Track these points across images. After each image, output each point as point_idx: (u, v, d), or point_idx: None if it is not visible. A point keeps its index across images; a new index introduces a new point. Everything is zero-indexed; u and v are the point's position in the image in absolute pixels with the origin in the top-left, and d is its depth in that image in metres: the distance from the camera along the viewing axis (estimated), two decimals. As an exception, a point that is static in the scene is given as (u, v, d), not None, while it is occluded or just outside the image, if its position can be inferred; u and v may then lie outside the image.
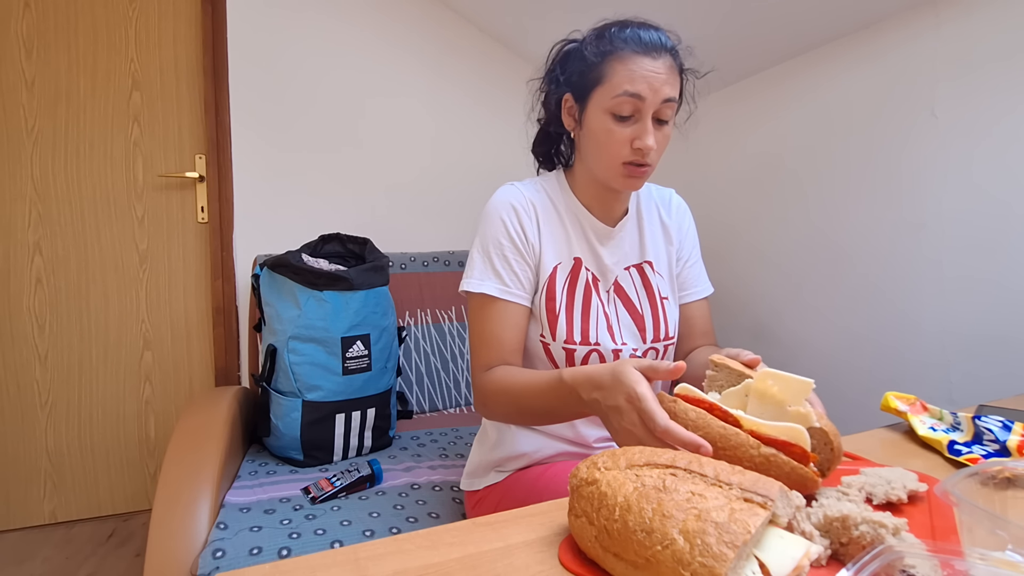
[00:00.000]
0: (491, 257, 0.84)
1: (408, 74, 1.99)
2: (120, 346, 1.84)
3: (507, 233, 0.84)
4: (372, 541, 0.49)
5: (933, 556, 0.37)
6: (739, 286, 1.80)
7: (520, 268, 0.84)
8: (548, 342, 0.84)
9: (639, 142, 0.77)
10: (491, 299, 0.82)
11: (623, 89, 0.76)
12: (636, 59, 0.76)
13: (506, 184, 0.89)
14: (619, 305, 0.88)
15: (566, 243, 0.87)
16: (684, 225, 0.96)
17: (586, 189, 0.89)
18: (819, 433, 0.54)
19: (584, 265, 0.87)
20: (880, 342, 1.39)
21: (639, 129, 0.77)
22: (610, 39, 0.78)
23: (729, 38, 1.59)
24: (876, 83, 1.36)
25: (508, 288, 0.83)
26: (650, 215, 0.94)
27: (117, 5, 1.80)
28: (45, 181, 1.77)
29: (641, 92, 0.75)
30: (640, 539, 0.40)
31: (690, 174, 1.95)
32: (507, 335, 0.82)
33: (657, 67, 0.76)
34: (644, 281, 0.90)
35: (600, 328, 0.85)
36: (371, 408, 1.36)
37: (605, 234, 0.89)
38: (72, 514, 1.82)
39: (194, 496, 0.99)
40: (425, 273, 1.74)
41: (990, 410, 0.75)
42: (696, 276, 0.96)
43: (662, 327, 0.88)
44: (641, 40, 0.77)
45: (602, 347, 0.84)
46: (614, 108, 0.77)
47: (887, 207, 1.35)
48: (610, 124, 0.78)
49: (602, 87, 0.78)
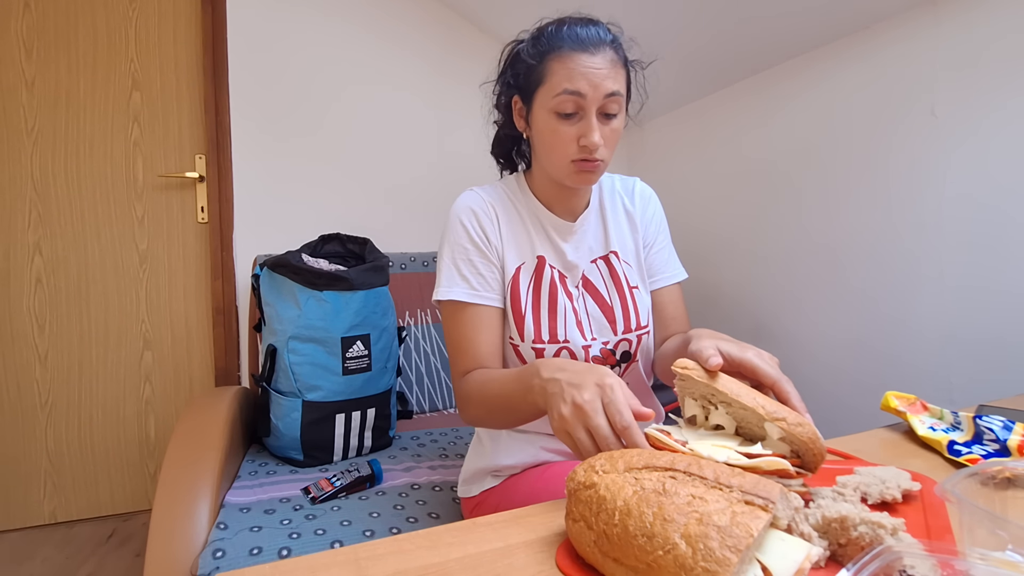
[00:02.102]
0: (457, 263, 0.83)
1: (408, 74, 1.99)
2: (120, 346, 1.84)
3: (469, 237, 0.84)
4: (372, 541, 0.49)
5: (931, 556, 0.37)
6: (737, 288, 1.80)
7: (487, 270, 0.84)
8: (517, 343, 0.84)
9: (584, 139, 0.77)
10: (461, 305, 0.82)
11: (563, 88, 0.75)
12: (574, 56, 0.75)
13: (466, 191, 0.89)
14: (588, 299, 0.87)
15: (528, 243, 0.87)
16: (649, 211, 0.94)
17: (544, 188, 0.88)
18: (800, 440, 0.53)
19: (548, 263, 0.87)
20: (879, 343, 1.39)
21: (584, 126, 0.77)
22: (547, 38, 0.79)
23: (728, 38, 1.59)
24: (876, 83, 1.36)
25: (477, 291, 0.82)
26: (613, 205, 0.93)
27: (117, 5, 1.80)
28: (45, 181, 1.77)
29: (581, 89, 0.75)
30: (641, 544, 0.40)
31: (689, 175, 1.95)
32: (481, 338, 0.81)
33: (596, 62, 0.75)
34: (612, 272, 0.89)
35: (569, 325, 0.84)
36: (371, 408, 1.36)
37: (566, 230, 0.88)
38: (72, 514, 1.82)
39: (194, 496, 0.99)
40: (425, 273, 1.74)
41: (990, 410, 0.75)
42: (664, 262, 0.94)
43: (632, 317, 0.87)
44: (578, 37, 0.76)
45: (572, 344, 0.84)
46: (557, 107, 0.77)
47: (886, 207, 1.35)
48: (555, 123, 0.78)
49: (543, 87, 0.78)
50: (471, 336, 0.81)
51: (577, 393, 0.58)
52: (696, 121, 1.92)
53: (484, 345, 0.81)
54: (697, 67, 1.75)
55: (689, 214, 1.95)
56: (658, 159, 2.12)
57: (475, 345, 0.81)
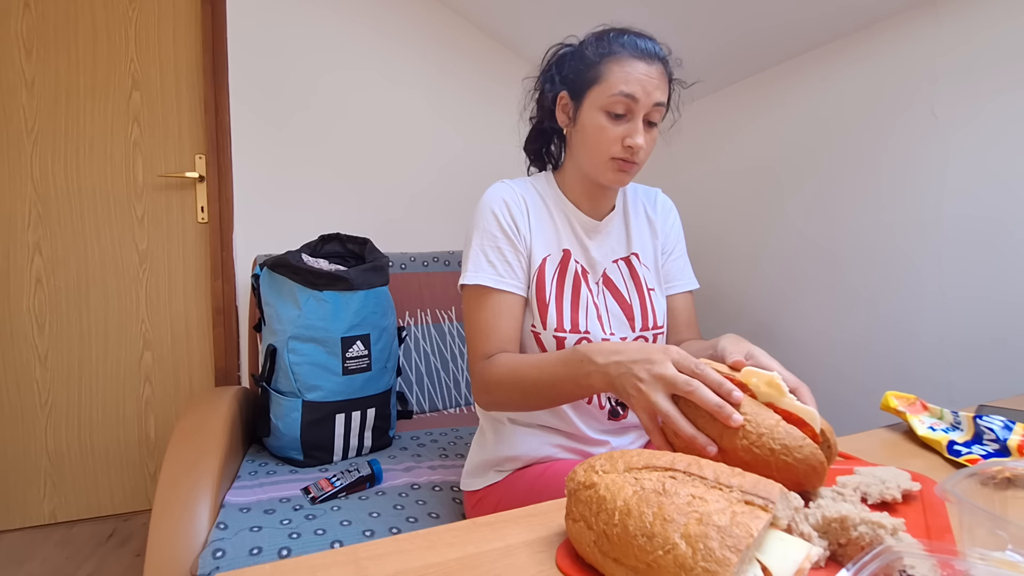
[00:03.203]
0: (485, 250, 0.86)
1: (408, 74, 1.99)
2: (120, 346, 1.84)
3: (499, 225, 0.86)
4: (372, 541, 0.49)
5: (931, 556, 0.37)
6: (737, 288, 1.80)
7: (513, 258, 0.86)
8: (539, 331, 0.86)
9: (630, 140, 0.81)
10: (486, 290, 0.84)
11: (619, 89, 0.80)
12: (632, 62, 0.81)
13: (496, 182, 0.92)
14: (608, 296, 0.91)
15: (555, 236, 0.90)
16: (669, 220, 1.00)
17: (574, 186, 0.92)
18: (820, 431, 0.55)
19: (573, 257, 0.90)
20: (879, 343, 1.39)
21: (630, 128, 0.82)
22: (609, 42, 0.84)
23: (728, 39, 1.59)
24: (876, 83, 1.36)
25: (502, 278, 0.85)
26: (636, 211, 0.98)
27: (117, 5, 1.80)
28: (45, 181, 1.77)
29: (635, 93, 0.80)
30: (641, 544, 0.40)
31: (690, 175, 1.95)
32: (503, 323, 0.84)
33: (651, 72, 0.81)
34: (632, 272, 0.93)
35: (590, 317, 0.87)
36: (371, 408, 1.36)
37: (592, 228, 0.92)
38: (72, 514, 1.82)
39: (194, 496, 0.99)
40: (425, 273, 1.74)
41: (990, 410, 0.75)
42: (680, 270, 0.99)
43: (650, 316, 0.91)
44: (638, 46, 0.82)
45: (591, 335, 0.86)
46: (608, 106, 0.81)
47: (886, 207, 1.35)
48: (603, 121, 0.82)
49: (598, 86, 0.82)
50: (494, 321, 0.83)
51: (650, 367, 0.60)
52: (696, 121, 1.92)
53: (506, 330, 0.84)
54: (697, 68, 1.74)
55: (689, 214, 1.94)
56: (658, 158, 2.11)
57: (497, 330, 0.83)
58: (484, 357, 0.83)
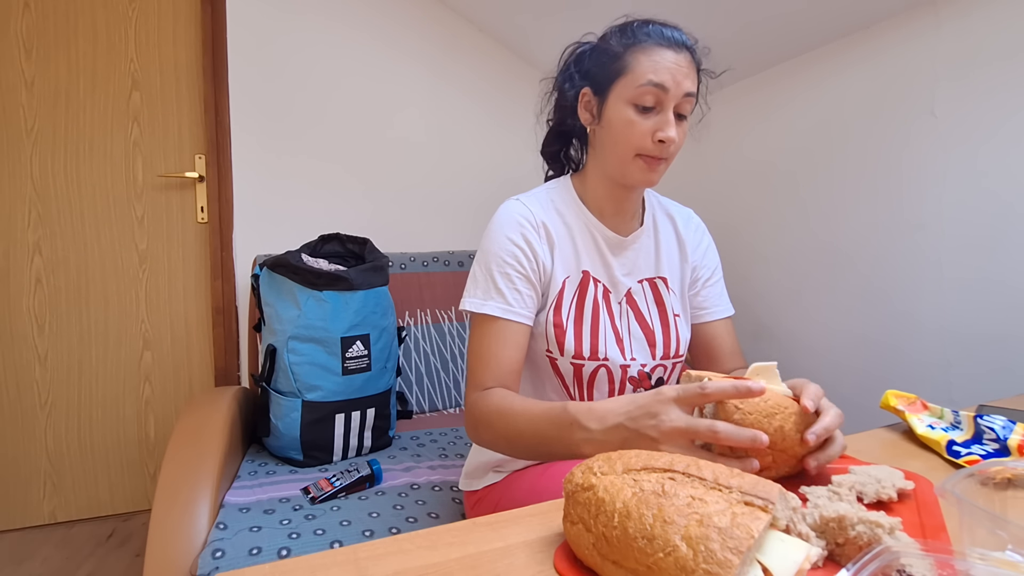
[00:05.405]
0: (494, 276, 0.81)
1: (408, 74, 1.99)
2: (120, 346, 1.84)
3: (511, 251, 0.82)
4: (372, 541, 0.49)
5: (928, 556, 0.37)
6: (738, 286, 1.80)
7: (524, 286, 0.82)
8: (556, 357, 0.83)
9: (661, 133, 0.77)
10: (493, 319, 0.80)
11: (647, 79, 0.76)
12: (660, 51, 0.77)
13: (510, 199, 0.87)
14: (631, 318, 0.86)
15: (574, 257, 0.85)
16: (703, 244, 0.95)
17: (596, 194, 0.87)
18: None
19: (593, 277, 0.86)
20: (880, 342, 1.39)
21: (661, 120, 0.77)
22: (633, 32, 0.79)
23: (728, 39, 1.59)
24: (876, 83, 1.36)
25: (511, 307, 0.80)
26: (665, 229, 0.93)
27: (117, 5, 1.79)
28: (45, 181, 1.77)
29: (665, 82, 0.75)
30: (641, 546, 0.39)
31: (689, 175, 1.95)
32: (506, 354, 0.80)
33: (680, 60, 0.77)
34: (656, 297, 0.89)
35: (609, 342, 0.83)
36: (371, 408, 1.36)
37: (617, 244, 0.87)
38: (72, 514, 1.82)
39: (194, 496, 0.99)
40: (425, 273, 1.74)
41: (990, 410, 0.75)
42: (719, 295, 0.95)
43: (673, 343, 0.87)
44: (664, 35, 0.78)
45: (611, 362, 0.83)
46: (637, 98, 0.77)
47: (887, 207, 1.35)
48: (632, 115, 0.78)
49: (625, 78, 0.78)
50: (497, 352, 0.79)
51: (656, 422, 0.58)
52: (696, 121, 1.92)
53: (507, 361, 0.80)
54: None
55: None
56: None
57: (499, 361, 0.79)
58: (480, 387, 0.79)
